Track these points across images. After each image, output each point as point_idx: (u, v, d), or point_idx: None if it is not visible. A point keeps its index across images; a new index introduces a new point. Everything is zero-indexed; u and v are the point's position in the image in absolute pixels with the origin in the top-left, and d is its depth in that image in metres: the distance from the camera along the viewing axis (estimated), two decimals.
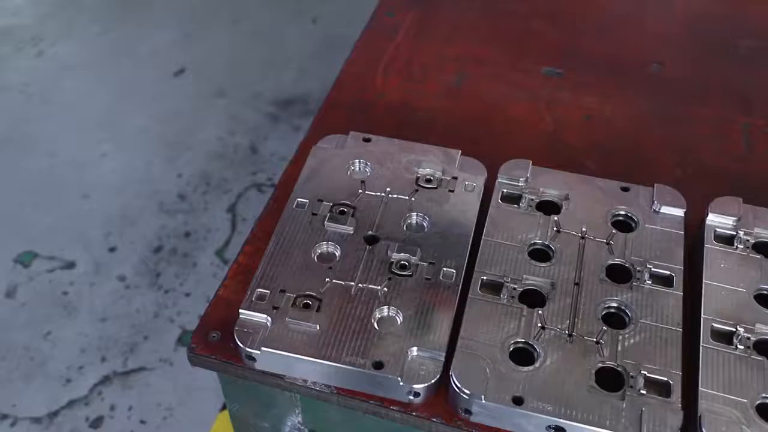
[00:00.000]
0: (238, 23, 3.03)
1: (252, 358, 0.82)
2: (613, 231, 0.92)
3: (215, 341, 0.87)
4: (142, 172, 2.46)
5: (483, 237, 0.91)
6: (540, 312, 0.83)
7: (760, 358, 0.79)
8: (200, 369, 0.88)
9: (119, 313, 2.07)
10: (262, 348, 0.81)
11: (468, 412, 0.77)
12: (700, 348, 0.80)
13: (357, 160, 1.01)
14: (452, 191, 0.97)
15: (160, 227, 2.29)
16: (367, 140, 1.04)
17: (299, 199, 0.96)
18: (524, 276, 0.87)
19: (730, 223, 0.92)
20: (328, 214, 0.93)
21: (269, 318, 0.83)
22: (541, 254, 0.90)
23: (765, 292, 0.86)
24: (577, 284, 0.86)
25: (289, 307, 0.84)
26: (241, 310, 0.84)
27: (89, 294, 2.12)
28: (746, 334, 0.81)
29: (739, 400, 0.75)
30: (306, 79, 2.77)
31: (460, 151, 1.01)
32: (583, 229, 0.92)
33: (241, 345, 0.82)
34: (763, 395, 0.76)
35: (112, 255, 2.22)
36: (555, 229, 0.92)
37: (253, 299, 0.85)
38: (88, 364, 1.96)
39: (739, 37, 1.32)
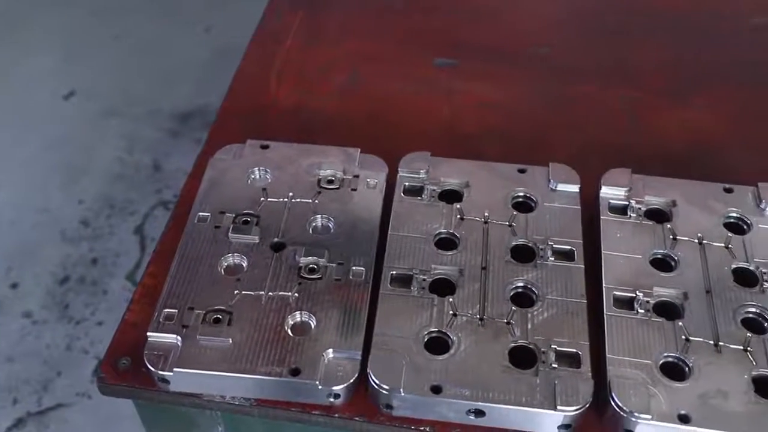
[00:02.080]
0: (125, 39, 2.93)
1: (165, 381, 0.80)
2: (514, 213, 0.94)
3: (126, 368, 0.84)
4: (39, 201, 2.35)
5: (389, 232, 0.92)
6: (451, 300, 0.84)
7: (659, 320, 0.83)
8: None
9: (28, 351, 1.97)
10: (175, 369, 0.79)
11: (389, 407, 0.78)
12: (604, 316, 0.83)
13: (256, 168, 1.00)
14: (355, 190, 0.97)
15: (65, 257, 2.20)
16: (265, 147, 1.03)
17: (200, 214, 0.94)
18: (432, 266, 0.88)
19: (622, 193, 0.96)
20: (232, 226, 0.92)
21: (179, 337, 0.81)
22: (447, 243, 0.91)
23: (659, 256, 0.90)
24: (484, 268, 0.88)
25: (199, 323, 0.82)
26: (149, 333, 0.81)
27: None
28: (645, 299, 0.84)
29: (644, 362, 0.79)
30: (204, 90, 2.71)
31: (359, 149, 1.02)
32: (486, 214, 0.94)
33: (152, 368, 0.79)
34: (665, 354, 0.79)
35: (14, 291, 2.11)
36: (458, 216, 0.93)
37: (161, 320, 0.82)
38: None
39: (614, 14, 1.38)
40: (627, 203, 0.95)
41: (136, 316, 0.89)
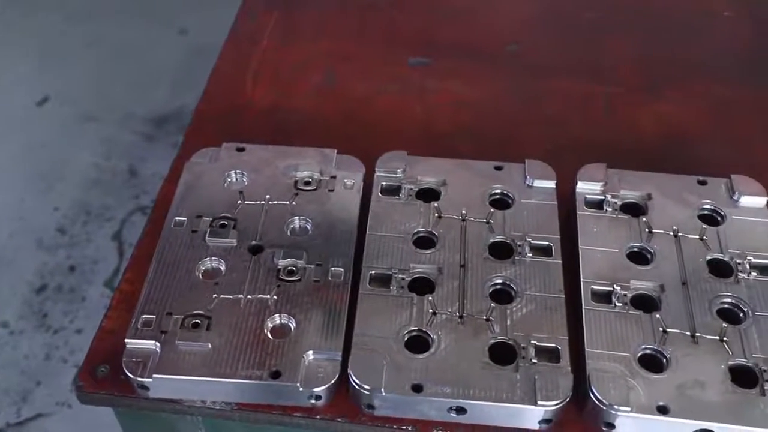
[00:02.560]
0: (100, 42, 2.90)
1: (145, 387, 0.79)
2: (492, 210, 0.94)
3: (104, 375, 0.83)
4: (14, 209, 2.32)
5: (367, 232, 0.91)
6: (430, 298, 0.84)
7: (636, 312, 0.83)
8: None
9: (5, 362, 1.95)
10: (154, 375, 0.78)
11: (371, 407, 0.78)
12: (583, 310, 0.83)
13: (233, 171, 0.99)
14: (332, 191, 0.97)
15: (41, 265, 2.17)
16: (241, 150, 1.02)
17: (177, 218, 0.93)
18: (411, 265, 0.88)
19: (598, 188, 0.96)
20: (209, 229, 0.91)
21: (158, 343, 0.80)
22: (425, 242, 0.91)
23: (636, 249, 0.91)
24: (462, 266, 0.88)
25: (178, 329, 0.81)
26: (127, 340, 0.81)
27: None
28: (622, 292, 0.85)
29: (622, 355, 0.79)
30: (180, 93, 2.69)
31: (335, 150, 1.01)
32: (463, 211, 0.94)
33: (131, 375, 0.79)
34: (643, 347, 0.80)
35: None
36: (436, 215, 0.93)
37: (139, 326, 0.82)
38: None
39: (585, 10, 1.39)
40: (603, 198, 0.96)
41: (113, 323, 0.88)
